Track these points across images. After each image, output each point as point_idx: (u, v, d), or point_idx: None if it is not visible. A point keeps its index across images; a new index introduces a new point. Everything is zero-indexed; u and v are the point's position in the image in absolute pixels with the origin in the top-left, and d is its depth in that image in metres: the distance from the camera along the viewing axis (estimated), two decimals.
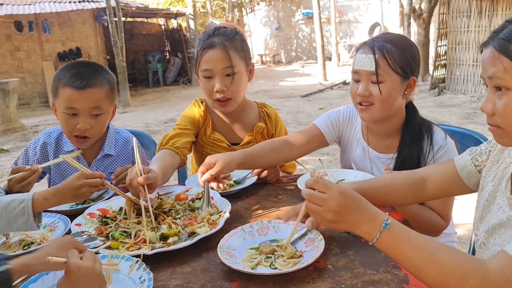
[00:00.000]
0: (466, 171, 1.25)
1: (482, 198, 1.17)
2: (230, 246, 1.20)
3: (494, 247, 1.06)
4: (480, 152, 1.24)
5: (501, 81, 0.94)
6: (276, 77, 14.67)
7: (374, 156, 1.70)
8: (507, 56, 0.92)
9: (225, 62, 1.73)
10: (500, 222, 1.06)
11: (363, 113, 1.59)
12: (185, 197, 1.55)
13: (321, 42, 12.73)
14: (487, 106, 1.00)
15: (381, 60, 1.51)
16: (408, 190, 1.32)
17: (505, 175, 1.11)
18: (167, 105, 10.45)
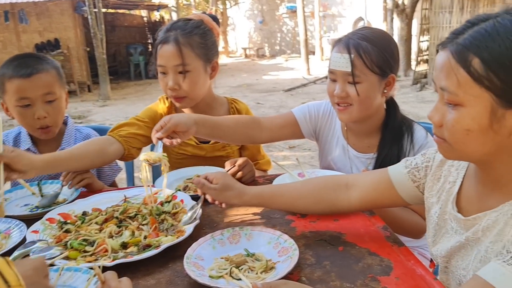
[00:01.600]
0: (403, 186, 1.16)
1: (431, 222, 1.10)
2: (198, 256, 1.11)
3: (459, 271, 0.98)
4: (416, 167, 1.14)
5: (454, 97, 0.85)
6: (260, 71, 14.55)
7: (353, 156, 1.64)
8: (464, 68, 0.82)
9: (177, 59, 1.65)
10: (459, 245, 0.98)
11: (341, 114, 1.53)
12: (155, 200, 1.45)
13: (304, 36, 12.67)
14: (435, 116, 0.91)
15: (357, 59, 1.43)
16: (322, 198, 1.25)
17: (450, 195, 1.04)
18: (149, 99, 10.27)
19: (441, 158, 1.10)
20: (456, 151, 0.91)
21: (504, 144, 0.85)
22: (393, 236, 1.21)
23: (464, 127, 0.85)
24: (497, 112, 0.82)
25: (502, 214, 0.89)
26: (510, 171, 0.89)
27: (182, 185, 1.60)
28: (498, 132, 0.84)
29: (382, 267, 1.06)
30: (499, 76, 0.79)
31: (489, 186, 0.95)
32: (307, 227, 1.28)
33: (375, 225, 1.28)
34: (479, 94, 0.82)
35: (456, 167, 1.06)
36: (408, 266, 1.06)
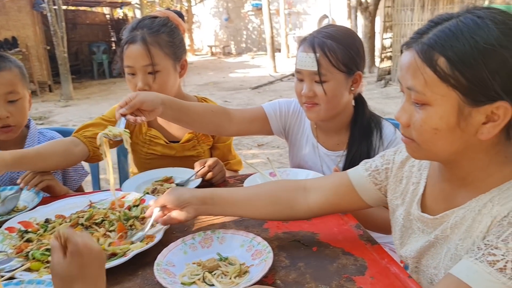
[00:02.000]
0: (364, 189, 1.14)
1: (397, 224, 1.09)
2: (169, 262, 1.07)
3: (430, 269, 0.98)
4: (376, 169, 1.14)
5: (421, 96, 0.84)
6: (226, 68, 14.48)
7: (323, 154, 1.63)
8: (430, 67, 0.82)
9: (145, 60, 1.60)
10: (428, 244, 0.98)
11: (309, 113, 1.52)
12: (121, 204, 1.40)
13: (270, 34, 12.68)
14: (402, 117, 0.90)
15: (322, 59, 1.42)
16: (279, 198, 1.19)
17: (415, 196, 1.04)
18: (113, 98, 10.03)
19: (401, 159, 1.11)
20: (424, 151, 0.91)
21: (470, 142, 0.86)
22: (366, 234, 1.21)
23: (432, 127, 0.85)
24: (464, 110, 0.82)
25: (470, 211, 0.89)
26: (475, 169, 0.90)
27: (151, 187, 1.55)
28: (465, 130, 0.84)
29: (356, 267, 1.05)
30: (465, 75, 0.80)
31: (455, 184, 0.95)
32: (280, 228, 1.26)
33: (348, 223, 1.27)
34: (446, 93, 0.82)
35: (418, 167, 1.06)
36: (382, 265, 1.06)
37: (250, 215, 1.22)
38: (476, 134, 0.84)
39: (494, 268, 0.76)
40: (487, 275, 0.77)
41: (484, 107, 0.81)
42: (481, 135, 0.84)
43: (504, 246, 0.77)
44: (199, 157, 1.83)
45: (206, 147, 1.86)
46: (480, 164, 0.89)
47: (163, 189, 1.52)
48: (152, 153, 1.81)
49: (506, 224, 0.80)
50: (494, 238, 0.79)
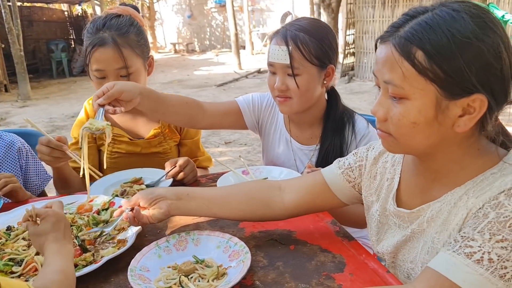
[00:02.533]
0: (339, 187, 1.14)
1: (372, 220, 1.10)
2: (143, 267, 1.03)
3: (406, 264, 0.99)
4: (350, 167, 1.14)
5: (399, 90, 0.84)
6: (190, 66, 14.30)
7: (297, 148, 1.63)
8: (408, 60, 0.82)
9: (119, 63, 1.54)
10: (405, 238, 0.98)
11: (282, 106, 1.52)
12: (89, 209, 1.34)
13: (234, 31, 12.62)
14: (379, 111, 0.89)
15: (295, 52, 1.41)
16: (254, 196, 1.17)
17: (390, 192, 1.04)
18: (74, 98, 9.72)
19: (374, 155, 1.11)
20: (402, 145, 0.90)
21: (447, 135, 0.86)
22: (342, 230, 1.20)
23: (410, 120, 0.85)
24: (442, 103, 0.82)
25: (446, 204, 0.90)
26: (449, 161, 0.91)
27: (119, 189, 1.50)
28: (442, 123, 0.84)
29: (335, 264, 1.04)
30: (442, 68, 0.80)
31: (429, 177, 0.95)
32: (256, 227, 1.24)
33: (323, 220, 1.26)
34: (424, 86, 0.82)
35: (391, 163, 1.07)
36: (360, 261, 1.06)
37: (225, 215, 1.18)
38: (453, 127, 0.84)
39: (472, 260, 0.77)
40: (465, 267, 0.77)
41: (461, 100, 0.81)
42: (458, 127, 0.84)
43: (480, 237, 0.78)
44: (166, 153, 1.79)
45: (173, 143, 1.82)
46: (454, 156, 0.90)
47: (133, 191, 1.47)
48: (117, 152, 1.75)
49: (482, 215, 0.80)
50: (470, 230, 0.80)
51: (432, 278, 0.80)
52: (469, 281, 0.76)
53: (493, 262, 0.76)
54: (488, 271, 0.76)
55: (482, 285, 0.76)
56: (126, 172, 1.61)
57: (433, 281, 0.79)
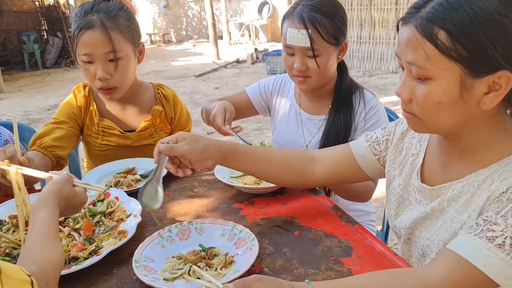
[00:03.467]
0: (365, 159, 1.16)
1: (393, 194, 1.10)
2: (147, 258, 1.01)
3: (423, 241, 0.99)
4: (377, 140, 1.16)
5: (422, 71, 0.83)
6: (168, 57, 14.08)
7: (306, 119, 1.66)
8: (431, 41, 0.81)
9: (107, 47, 1.48)
10: (424, 215, 0.99)
11: (302, 85, 1.55)
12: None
13: (212, 20, 12.46)
14: (404, 92, 0.89)
15: (314, 34, 1.43)
16: (292, 165, 1.20)
17: (414, 167, 1.05)
18: (49, 90, 9.47)
19: (402, 131, 1.11)
20: (427, 125, 0.90)
21: (472, 113, 0.86)
22: (345, 215, 1.20)
23: (435, 101, 0.84)
24: (467, 82, 0.82)
25: (469, 185, 0.90)
26: (475, 141, 0.90)
27: (113, 180, 1.46)
28: (468, 102, 0.84)
29: (342, 248, 1.04)
30: (466, 47, 0.79)
31: (454, 156, 0.95)
32: (258, 214, 1.22)
33: (325, 206, 1.26)
34: (448, 66, 0.81)
35: (418, 139, 1.07)
36: (367, 244, 1.05)
37: (264, 177, 1.23)
38: (479, 105, 0.84)
39: (493, 244, 0.77)
40: (486, 251, 0.77)
41: (486, 77, 0.80)
42: (484, 105, 0.83)
43: (503, 222, 0.78)
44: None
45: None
46: (479, 136, 0.89)
47: (127, 182, 1.43)
48: (107, 144, 1.70)
49: (505, 200, 0.80)
50: (493, 214, 0.80)
51: (452, 260, 0.80)
52: (490, 265, 0.76)
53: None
54: (509, 256, 0.76)
55: (502, 269, 0.76)
56: (118, 163, 1.57)
57: (453, 263, 0.79)
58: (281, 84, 1.76)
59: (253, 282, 0.77)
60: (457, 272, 0.78)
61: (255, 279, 0.78)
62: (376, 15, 8.69)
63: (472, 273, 0.77)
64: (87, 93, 1.68)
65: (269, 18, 15.08)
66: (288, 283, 0.81)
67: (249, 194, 1.35)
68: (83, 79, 1.66)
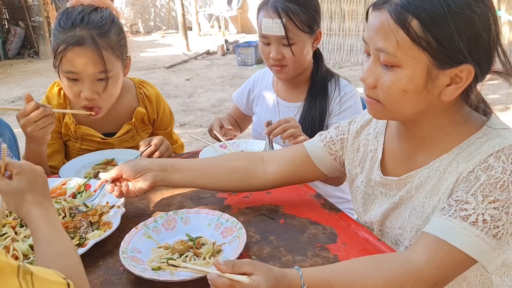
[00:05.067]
0: (320, 158, 1.16)
1: (358, 192, 1.13)
2: (134, 249, 1.00)
3: (394, 230, 1.02)
4: (331, 140, 1.17)
5: (392, 58, 0.84)
6: (136, 48, 13.80)
7: (283, 106, 1.72)
8: (403, 29, 0.82)
9: (98, 67, 1.38)
10: (393, 206, 1.02)
11: (279, 74, 1.61)
12: (63, 192, 1.27)
13: (181, 11, 12.30)
14: (369, 78, 0.90)
15: (288, 23, 1.49)
16: (238, 168, 1.17)
17: (374, 162, 1.07)
18: (12, 82, 9.13)
19: (356, 129, 1.13)
20: (389, 112, 0.92)
21: (433, 103, 0.89)
22: (328, 203, 1.22)
23: (401, 88, 0.86)
24: (432, 72, 0.84)
25: (434, 170, 0.93)
26: (434, 128, 0.94)
27: (92, 172, 1.43)
28: (431, 92, 0.86)
29: (327, 235, 1.06)
30: (436, 37, 0.81)
31: (414, 144, 0.98)
32: (242, 203, 1.23)
33: (308, 194, 1.28)
34: (417, 55, 0.83)
35: (374, 134, 1.09)
36: (351, 231, 1.08)
37: (209, 186, 1.19)
38: (439, 96, 0.87)
39: (468, 223, 0.81)
40: (461, 230, 0.81)
41: (450, 70, 0.84)
42: (444, 96, 0.87)
43: (474, 200, 0.82)
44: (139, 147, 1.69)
45: (146, 135, 1.73)
46: (438, 123, 0.93)
47: None
48: (86, 149, 1.62)
49: (473, 179, 0.84)
50: (463, 194, 0.84)
51: (432, 243, 0.83)
52: (467, 243, 0.80)
53: (487, 223, 0.80)
54: (483, 232, 0.80)
55: (478, 246, 0.80)
56: (97, 154, 1.54)
57: (433, 246, 0.82)
58: (262, 76, 1.83)
59: (244, 264, 0.78)
60: (437, 254, 0.82)
61: (246, 262, 0.79)
62: (345, 7, 8.79)
63: (452, 253, 0.81)
64: (62, 100, 1.57)
65: (239, 9, 14.98)
66: (279, 270, 0.82)
67: None
68: (47, 71, 1.59)
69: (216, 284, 0.76)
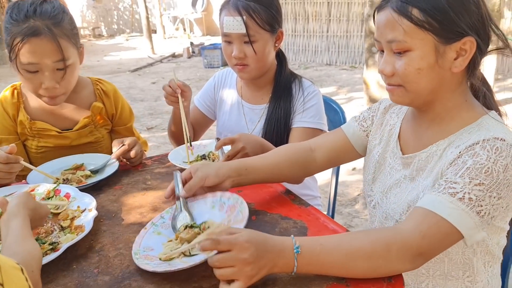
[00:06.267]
0: (356, 137, 1.27)
1: (372, 161, 1.23)
2: (146, 248, 1.02)
3: (389, 205, 1.12)
4: (364, 118, 1.28)
5: (402, 44, 0.97)
6: (99, 51, 13.57)
7: (248, 109, 1.73)
8: (407, 18, 0.95)
9: (56, 56, 1.40)
10: (396, 182, 1.12)
11: (242, 73, 1.62)
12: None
13: (145, 14, 12.17)
14: (386, 68, 1.02)
15: (249, 21, 1.51)
16: (297, 161, 1.27)
17: (391, 136, 1.18)
18: None
19: (385, 106, 1.25)
20: (409, 93, 1.02)
21: (446, 77, 1.00)
22: (297, 199, 1.26)
23: (415, 67, 0.98)
24: (440, 49, 0.96)
25: (432, 154, 1.04)
26: (444, 109, 1.05)
27: (61, 177, 1.42)
28: (442, 66, 0.98)
29: (298, 229, 1.09)
30: (436, 19, 0.94)
31: (424, 125, 1.09)
32: None
33: (277, 191, 1.31)
34: (423, 37, 0.96)
35: (397, 113, 1.21)
36: (320, 223, 1.12)
37: (278, 180, 1.28)
38: (451, 69, 0.98)
39: (455, 198, 0.89)
40: (449, 204, 0.89)
41: (454, 44, 0.96)
42: (455, 68, 0.98)
43: (461, 181, 0.90)
44: (98, 142, 1.71)
45: (105, 131, 1.74)
46: (448, 105, 1.04)
47: (77, 178, 1.40)
48: (44, 146, 1.62)
49: (461, 163, 0.93)
50: (452, 175, 0.93)
51: (420, 215, 0.91)
52: (453, 215, 0.88)
53: (472, 201, 0.89)
54: (468, 207, 0.88)
55: (463, 219, 0.88)
56: (65, 159, 1.53)
57: (421, 218, 0.90)
58: (224, 77, 1.83)
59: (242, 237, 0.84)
60: (424, 224, 0.89)
61: (242, 236, 0.85)
62: (309, 9, 8.93)
63: (438, 224, 0.88)
64: (15, 99, 1.58)
65: (203, 11, 14.96)
66: (272, 240, 0.88)
67: None
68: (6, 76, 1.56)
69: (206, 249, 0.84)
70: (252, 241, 0.84)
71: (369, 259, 0.86)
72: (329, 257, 0.87)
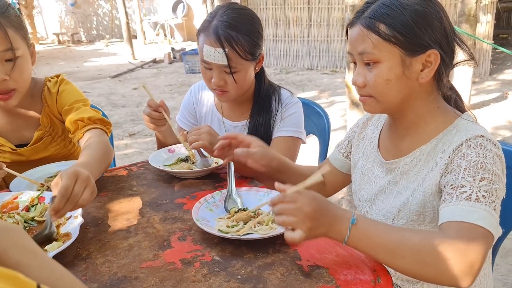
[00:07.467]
0: (340, 163, 1.38)
1: (357, 173, 1.28)
2: (203, 218, 1.14)
3: (379, 211, 1.16)
4: (342, 142, 1.38)
5: (371, 55, 1.03)
6: (79, 57, 13.40)
7: (229, 126, 1.70)
8: (375, 33, 1.02)
9: (3, 44, 1.34)
10: (381, 189, 1.16)
11: (221, 97, 1.59)
12: (15, 206, 1.23)
13: (126, 19, 12.07)
14: (358, 79, 1.08)
15: (231, 53, 1.45)
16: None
17: (373, 147, 1.23)
18: None
19: (363, 121, 1.31)
20: (380, 103, 1.08)
21: (414, 88, 1.06)
22: None
23: (384, 78, 1.04)
24: (406, 60, 1.02)
25: (416, 159, 1.10)
26: (416, 117, 1.10)
27: (46, 184, 1.39)
28: (409, 77, 1.04)
29: None
30: (402, 33, 1.00)
31: (401, 133, 1.15)
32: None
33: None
34: (390, 49, 1.02)
35: (375, 125, 1.28)
36: None
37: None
38: (418, 80, 1.04)
39: (472, 201, 0.92)
40: (471, 209, 0.91)
41: (420, 56, 1.02)
42: (421, 79, 1.04)
43: (466, 182, 0.94)
44: (57, 155, 1.62)
45: (63, 142, 1.64)
46: (420, 112, 1.09)
47: None
48: (2, 161, 1.47)
49: (456, 167, 0.98)
50: (455, 181, 0.96)
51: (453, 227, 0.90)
52: (481, 218, 0.89)
53: (485, 198, 0.92)
54: (487, 205, 0.91)
55: (487, 218, 0.90)
56: (48, 167, 1.50)
57: (457, 227, 0.90)
58: (200, 91, 1.77)
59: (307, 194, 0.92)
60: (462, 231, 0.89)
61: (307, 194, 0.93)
62: (290, 14, 9.01)
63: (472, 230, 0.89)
64: None
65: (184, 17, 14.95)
66: (335, 206, 0.94)
67: (190, 189, 1.37)
68: None
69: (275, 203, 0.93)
70: (316, 200, 0.92)
71: (417, 252, 0.87)
72: (379, 239, 0.90)
